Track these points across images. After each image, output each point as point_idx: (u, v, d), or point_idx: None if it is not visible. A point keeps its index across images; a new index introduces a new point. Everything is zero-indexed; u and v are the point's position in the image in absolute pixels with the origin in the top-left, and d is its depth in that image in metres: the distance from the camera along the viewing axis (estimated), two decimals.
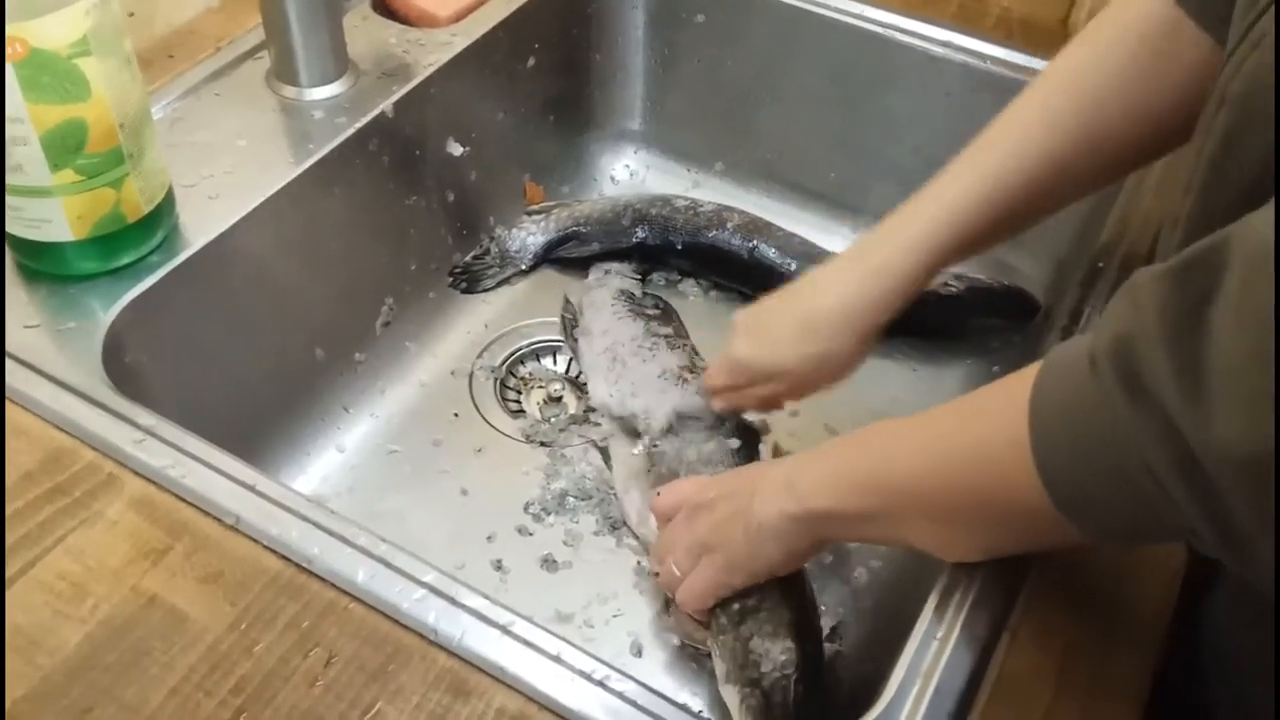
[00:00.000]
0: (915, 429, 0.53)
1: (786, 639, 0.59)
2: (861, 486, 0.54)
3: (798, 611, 0.61)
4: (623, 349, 0.83)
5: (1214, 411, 0.36)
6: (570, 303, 0.91)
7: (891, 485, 0.53)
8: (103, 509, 0.57)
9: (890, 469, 0.53)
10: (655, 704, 0.50)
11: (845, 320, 0.66)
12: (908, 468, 0.52)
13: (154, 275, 0.69)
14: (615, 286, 0.90)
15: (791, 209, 1.01)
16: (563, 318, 0.90)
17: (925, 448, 0.52)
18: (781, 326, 0.68)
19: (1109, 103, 0.61)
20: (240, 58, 0.85)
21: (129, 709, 0.49)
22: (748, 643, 0.60)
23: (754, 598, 0.61)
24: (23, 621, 0.52)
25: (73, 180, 0.64)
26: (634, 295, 0.89)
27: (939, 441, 0.51)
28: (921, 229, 0.64)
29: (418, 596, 0.53)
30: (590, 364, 0.84)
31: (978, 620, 0.54)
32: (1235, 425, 0.35)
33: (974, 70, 0.89)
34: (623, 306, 0.87)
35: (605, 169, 1.07)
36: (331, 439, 0.83)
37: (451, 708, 0.50)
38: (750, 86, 0.99)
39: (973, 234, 0.64)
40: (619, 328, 0.85)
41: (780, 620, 0.60)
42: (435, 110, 0.87)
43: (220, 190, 0.75)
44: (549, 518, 0.78)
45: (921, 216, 0.64)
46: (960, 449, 0.50)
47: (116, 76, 0.63)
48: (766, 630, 0.60)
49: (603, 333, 0.85)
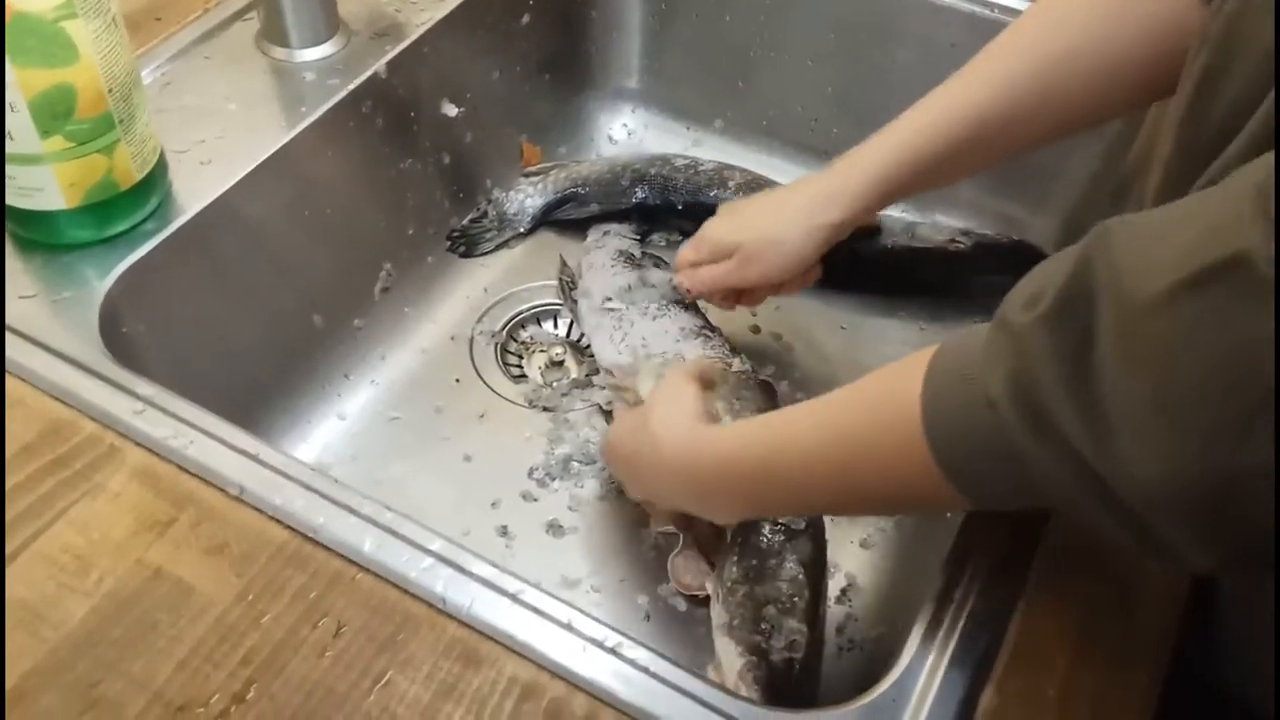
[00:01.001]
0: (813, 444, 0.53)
1: (801, 620, 0.59)
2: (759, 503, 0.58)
3: (815, 593, 0.61)
4: (628, 309, 0.81)
5: (1124, 454, 0.36)
6: (567, 265, 0.90)
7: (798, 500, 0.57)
8: (105, 481, 0.56)
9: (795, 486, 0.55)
10: (668, 671, 0.50)
11: (804, 214, 0.72)
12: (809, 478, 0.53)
13: (148, 243, 0.68)
14: (614, 247, 0.89)
15: (793, 166, 0.99)
16: (560, 280, 0.89)
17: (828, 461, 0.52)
18: (748, 211, 0.77)
19: (1072, 51, 0.62)
20: (229, 19, 0.83)
21: (137, 682, 0.49)
22: (761, 606, 0.59)
23: (774, 560, 0.61)
24: (27, 595, 0.52)
25: (63, 147, 0.62)
26: (633, 255, 0.88)
27: (840, 456, 0.52)
28: (886, 149, 0.69)
29: (425, 565, 0.53)
30: (593, 325, 0.83)
31: (994, 586, 0.53)
32: (1150, 467, 0.36)
33: (980, 20, 0.87)
34: (624, 267, 0.86)
35: (603, 128, 1.05)
36: (332, 407, 0.82)
37: (463, 677, 0.50)
38: (750, 41, 0.97)
39: (929, 163, 0.68)
40: (620, 294, 0.83)
41: (799, 597, 0.60)
42: (429, 70, 0.86)
43: (212, 155, 0.74)
44: (553, 483, 0.77)
45: (885, 139, 0.69)
46: (863, 470, 0.50)
47: (104, 39, 0.62)
48: (783, 602, 0.59)
49: (603, 296, 0.84)
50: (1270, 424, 0.33)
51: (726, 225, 0.77)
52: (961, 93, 0.66)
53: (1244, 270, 0.33)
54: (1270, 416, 0.33)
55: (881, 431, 0.47)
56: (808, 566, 0.61)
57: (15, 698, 0.48)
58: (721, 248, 0.75)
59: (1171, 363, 0.35)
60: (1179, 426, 0.35)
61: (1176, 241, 0.36)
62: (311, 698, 0.49)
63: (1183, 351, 0.35)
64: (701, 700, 0.49)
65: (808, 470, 0.52)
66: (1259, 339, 0.33)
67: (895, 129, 0.69)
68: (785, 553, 0.61)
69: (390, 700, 0.49)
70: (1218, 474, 0.35)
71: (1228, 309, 0.34)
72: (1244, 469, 0.34)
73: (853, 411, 0.51)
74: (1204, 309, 0.34)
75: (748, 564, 0.61)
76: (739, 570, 0.61)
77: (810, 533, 0.63)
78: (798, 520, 0.63)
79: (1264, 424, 0.33)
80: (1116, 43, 0.61)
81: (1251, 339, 0.33)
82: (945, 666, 0.50)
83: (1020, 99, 0.64)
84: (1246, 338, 0.34)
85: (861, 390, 0.51)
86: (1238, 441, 0.34)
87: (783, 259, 0.73)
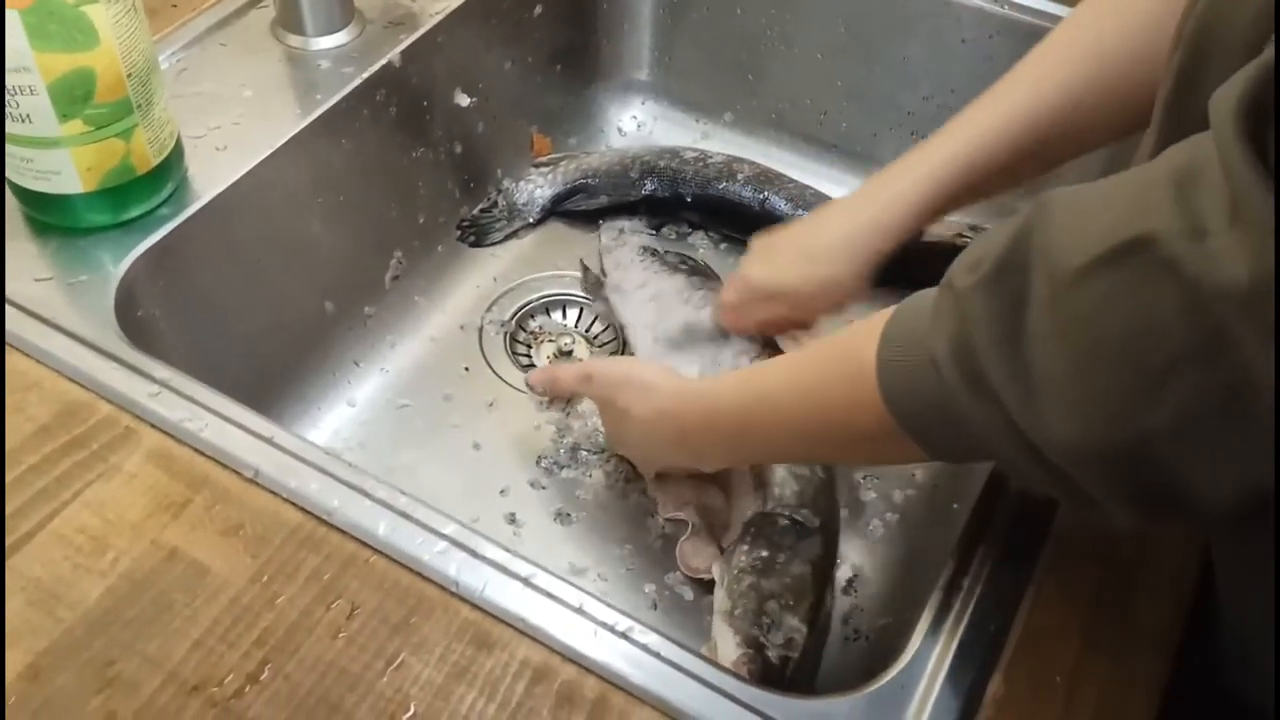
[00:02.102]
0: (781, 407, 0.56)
1: (802, 620, 0.59)
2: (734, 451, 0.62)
3: (819, 595, 0.61)
4: (668, 299, 0.82)
5: (1046, 414, 0.39)
6: (589, 269, 0.91)
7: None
8: (120, 462, 0.56)
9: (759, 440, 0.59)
10: (679, 655, 0.50)
11: (848, 247, 0.68)
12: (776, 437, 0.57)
13: (164, 228, 0.68)
14: (637, 244, 0.90)
15: (803, 160, 1.00)
16: (585, 279, 0.90)
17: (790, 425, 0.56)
18: (788, 250, 0.72)
19: (1123, 50, 0.61)
20: (245, 6, 0.84)
21: (152, 662, 0.49)
22: (765, 600, 0.60)
23: (784, 555, 0.61)
24: (43, 575, 0.52)
25: (81, 131, 0.63)
26: (658, 251, 0.89)
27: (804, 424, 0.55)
28: (932, 163, 0.66)
29: (439, 549, 0.53)
30: (632, 318, 0.83)
31: (1001, 574, 0.54)
32: (1067, 429, 0.38)
33: (991, 15, 0.87)
34: (654, 261, 0.87)
35: (613, 120, 1.06)
36: (342, 393, 0.83)
37: (475, 659, 0.50)
38: (760, 34, 0.98)
39: (982, 173, 0.65)
40: (657, 282, 0.84)
41: (803, 596, 0.60)
42: (442, 60, 0.86)
43: (228, 141, 0.74)
44: (561, 471, 0.78)
45: (933, 153, 0.66)
46: (829, 423, 0.53)
47: (124, 24, 0.62)
48: (787, 599, 0.60)
49: (639, 286, 0.85)
50: (1176, 392, 0.36)
51: (766, 269, 0.72)
52: (1014, 100, 0.64)
53: (1148, 251, 0.36)
54: (1176, 384, 0.36)
55: (843, 385, 0.50)
56: (815, 566, 0.62)
57: (31, 676, 0.49)
58: (764, 292, 0.72)
59: (1086, 332, 0.37)
60: (1092, 391, 0.37)
61: (1101, 217, 0.38)
62: (325, 678, 0.49)
63: (1096, 322, 0.37)
64: (712, 685, 0.49)
65: (780, 423, 0.56)
66: (1160, 313, 0.35)
67: (944, 141, 0.66)
68: (796, 550, 0.62)
69: (404, 682, 0.49)
70: (1127, 435, 0.37)
71: (1133, 285, 0.36)
72: (1151, 431, 0.37)
73: (818, 367, 0.54)
74: (1114, 284, 0.37)
75: (757, 555, 0.62)
76: (747, 560, 0.62)
77: (823, 533, 0.64)
78: (811, 519, 0.63)
79: (1168, 390, 0.36)
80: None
81: (1152, 313, 0.36)
82: (952, 655, 0.51)
83: (1077, 102, 0.63)
84: (1149, 312, 0.36)
85: (827, 348, 0.54)
86: (1144, 405, 0.36)
87: (834, 293, 0.70)
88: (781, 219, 0.90)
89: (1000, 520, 0.56)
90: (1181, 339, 0.35)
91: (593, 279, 0.90)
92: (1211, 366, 0.35)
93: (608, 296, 0.87)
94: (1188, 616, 0.54)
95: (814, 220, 0.72)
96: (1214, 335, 0.34)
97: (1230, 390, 0.35)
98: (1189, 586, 0.55)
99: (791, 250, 0.71)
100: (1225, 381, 0.35)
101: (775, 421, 0.56)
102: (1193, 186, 0.35)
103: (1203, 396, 0.35)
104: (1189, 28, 0.46)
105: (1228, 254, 0.33)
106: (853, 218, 0.69)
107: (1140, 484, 0.39)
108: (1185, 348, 0.35)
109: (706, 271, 0.88)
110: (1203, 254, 0.34)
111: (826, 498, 0.66)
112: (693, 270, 0.87)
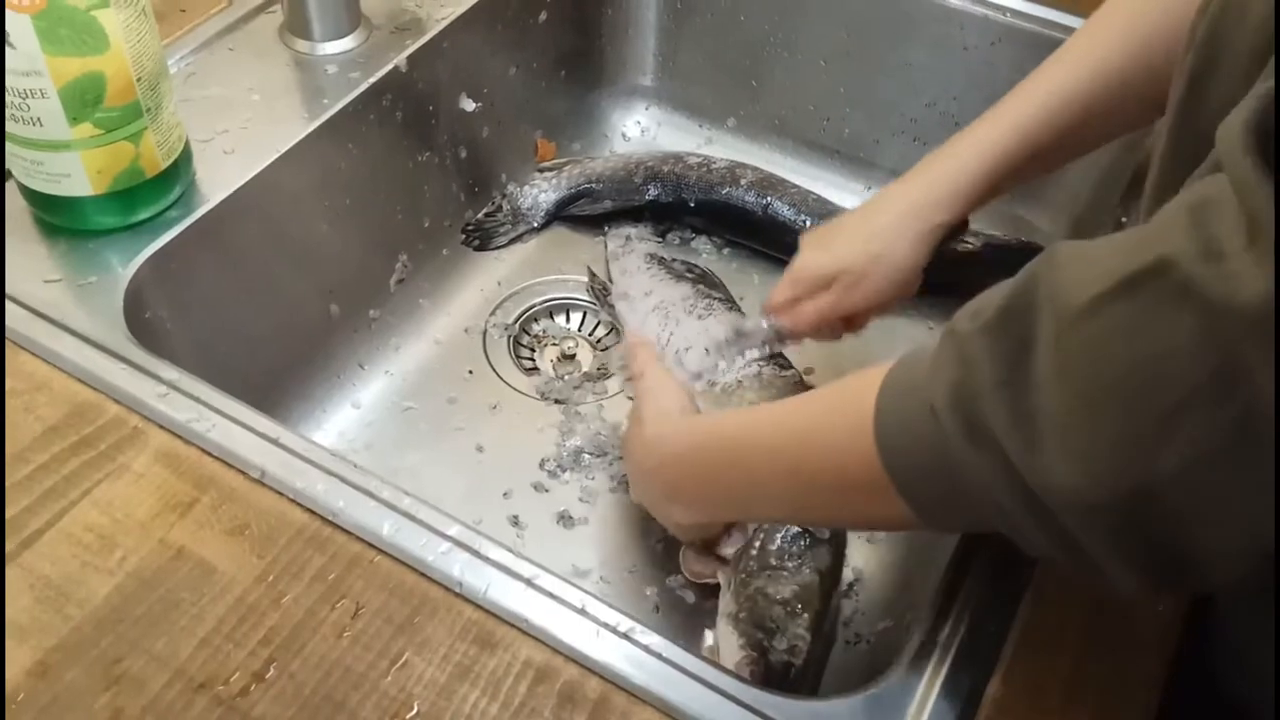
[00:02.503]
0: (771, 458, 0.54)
1: (807, 628, 0.60)
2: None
3: (824, 604, 0.62)
4: (674, 307, 0.83)
5: (1050, 462, 0.37)
6: (596, 275, 0.91)
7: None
8: (128, 462, 0.57)
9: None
10: (680, 656, 0.51)
11: (904, 223, 0.67)
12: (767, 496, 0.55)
13: (172, 230, 0.69)
14: (643, 251, 0.91)
15: (805, 165, 1.00)
16: (591, 287, 0.91)
17: (780, 477, 0.53)
18: (843, 233, 0.70)
19: (1163, 30, 0.61)
20: (253, 11, 0.84)
21: (159, 659, 0.50)
22: (771, 605, 0.60)
23: (794, 563, 0.61)
24: (51, 573, 0.53)
25: (91, 134, 0.63)
26: (664, 258, 0.90)
27: (794, 477, 0.52)
28: (982, 141, 0.66)
29: (443, 550, 0.54)
30: (637, 326, 0.84)
31: (1000, 579, 0.54)
32: (1072, 476, 0.36)
33: (993, 23, 0.88)
34: (660, 269, 0.88)
35: (617, 125, 1.06)
36: (347, 395, 0.83)
37: (478, 659, 0.51)
38: (763, 40, 0.98)
39: (1031, 149, 0.65)
40: (663, 290, 0.85)
41: (809, 604, 0.61)
42: (448, 65, 0.87)
43: (236, 145, 0.75)
44: (565, 474, 0.78)
45: (984, 130, 0.66)
46: (818, 470, 0.50)
47: (134, 29, 0.63)
48: (794, 606, 0.60)
49: (645, 294, 0.85)
50: (1186, 432, 0.34)
51: (820, 255, 0.70)
52: (1063, 76, 0.64)
53: (1163, 275, 0.34)
54: (1186, 424, 0.34)
55: (838, 433, 0.48)
56: (823, 576, 0.62)
57: (39, 673, 0.49)
58: (821, 279, 0.70)
59: (1094, 370, 0.36)
60: (1098, 434, 0.36)
61: (1112, 257, 0.36)
62: (330, 677, 0.50)
63: (1103, 359, 0.35)
64: (713, 685, 0.50)
65: (770, 464, 0.53)
66: (1173, 343, 0.34)
67: (998, 117, 0.66)
68: (805, 558, 0.62)
69: (407, 681, 0.50)
70: (1134, 482, 0.35)
71: (1145, 315, 0.35)
72: (1160, 477, 0.35)
73: (816, 411, 0.52)
74: (1123, 316, 0.35)
75: (766, 560, 0.62)
76: (756, 564, 0.62)
77: (832, 545, 0.64)
78: (821, 530, 0.63)
79: (1179, 430, 0.34)
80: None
81: (1165, 343, 0.34)
82: (951, 658, 0.51)
83: (1121, 80, 0.63)
84: (1161, 343, 0.34)
85: (827, 391, 0.52)
86: (1154, 448, 0.35)
87: (893, 273, 0.68)
88: (784, 224, 0.91)
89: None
90: (1194, 371, 0.33)
91: (599, 285, 0.90)
92: (1224, 400, 0.33)
93: (613, 303, 0.87)
94: (1185, 620, 0.54)
95: (867, 204, 0.71)
96: (1228, 363, 0.33)
97: (1239, 425, 0.33)
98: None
99: (846, 233, 0.70)
100: (1235, 416, 0.33)
101: (765, 462, 0.54)
102: (1207, 214, 0.34)
103: (1213, 435, 0.34)
104: (1201, 29, 0.46)
105: (1247, 273, 0.32)
106: (907, 194, 0.68)
107: (1146, 541, 0.37)
108: (1199, 379, 0.33)
109: (713, 280, 0.88)
110: (1220, 274, 0.33)
111: None
112: (699, 279, 0.87)
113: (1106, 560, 0.38)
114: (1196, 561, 0.37)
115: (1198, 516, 0.35)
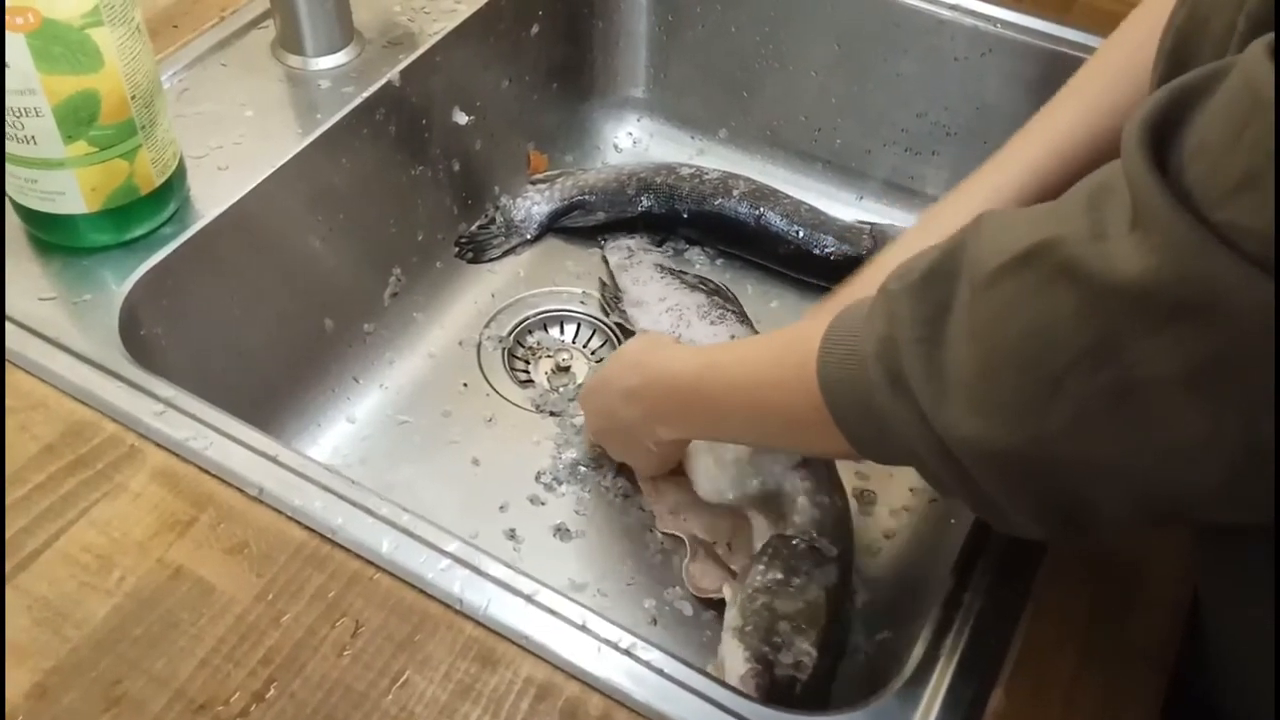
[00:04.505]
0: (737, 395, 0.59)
1: (814, 643, 0.60)
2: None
3: (831, 621, 0.61)
4: (687, 311, 0.84)
5: (956, 414, 0.41)
6: (605, 284, 0.91)
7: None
8: (126, 481, 0.57)
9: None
10: (682, 672, 0.51)
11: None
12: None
13: (167, 247, 0.69)
14: (652, 262, 0.91)
15: (797, 175, 1.00)
16: (603, 296, 0.91)
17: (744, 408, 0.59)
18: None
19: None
20: (245, 27, 0.84)
21: (158, 680, 0.50)
22: (777, 620, 0.60)
23: (800, 579, 0.61)
24: (49, 594, 0.52)
25: (86, 152, 0.63)
26: (670, 268, 0.90)
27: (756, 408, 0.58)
28: (985, 191, 0.67)
29: (442, 566, 0.54)
30: (650, 326, 0.85)
31: (1000, 590, 0.54)
32: (975, 428, 0.40)
33: (984, 34, 0.88)
34: (673, 279, 0.88)
35: (609, 137, 1.07)
36: (342, 410, 0.83)
37: (480, 677, 0.51)
38: (754, 52, 0.99)
39: (1034, 197, 0.66)
40: (677, 295, 0.86)
41: (815, 621, 0.60)
42: (440, 79, 0.87)
43: (229, 161, 0.74)
44: (561, 487, 0.78)
45: (984, 181, 0.67)
46: (770, 405, 0.56)
47: (128, 47, 0.62)
48: (800, 622, 0.60)
49: (660, 299, 0.86)
50: (1070, 394, 0.37)
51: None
52: (1060, 124, 0.66)
53: (1051, 253, 0.38)
54: (1070, 387, 0.37)
55: (788, 370, 0.52)
56: (830, 593, 0.62)
57: (38, 695, 0.49)
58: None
59: (995, 333, 0.39)
60: (996, 391, 0.39)
61: (1021, 228, 0.40)
62: (331, 696, 0.50)
63: (1003, 324, 0.39)
64: (715, 702, 0.50)
65: (729, 395, 0.59)
66: (1058, 315, 0.37)
67: (995, 168, 0.67)
68: (812, 575, 0.62)
69: (409, 699, 0.50)
70: (1026, 436, 0.39)
71: (1032, 289, 0.38)
72: (1048, 432, 0.38)
73: (771, 349, 0.58)
74: (1019, 286, 0.39)
75: (774, 576, 0.62)
76: (763, 580, 0.62)
77: (839, 563, 0.64)
78: (830, 547, 0.64)
79: (1063, 393, 0.37)
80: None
81: (1050, 315, 0.37)
82: (953, 669, 0.51)
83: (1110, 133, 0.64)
84: (1047, 314, 0.38)
85: (782, 333, 0.59)
86: (1043, 407, 0.38)
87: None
88: (777, 234, 0.91)
89: (998, 536, 0.56)
90: (1076, 340, 0.37)
91: (611, 293, 0.90)
92: (1104, 367, 0.36)
93: (626, 310, 0.88)
94: (1183, 631, 0.54)
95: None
96: (1107, 335, 0.36)
97: (1122, 391, 0.36)
98: (1185, 602, 0.55)
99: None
100: (1117, 381, 0.36)
101: (724, 393, 0.59)
102: (1101, 197, 0.38)
103: (1093, 399, 0.37)
104: (1167, 42, 0.47)
105: (1123, 254, 0.35)
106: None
107: (1042, 491, 0.41)
108: (1080, 349, 0.37)
109: (727, 294, 0.88)
110: (1099, 253, 0.36)
111: (843, 528, 0.67)
112: (713, 291, 0.88)
113: (1009, 507, 0.42)
114: (1087, 512, 0.40)
115: (1085, 471, 0.39)
